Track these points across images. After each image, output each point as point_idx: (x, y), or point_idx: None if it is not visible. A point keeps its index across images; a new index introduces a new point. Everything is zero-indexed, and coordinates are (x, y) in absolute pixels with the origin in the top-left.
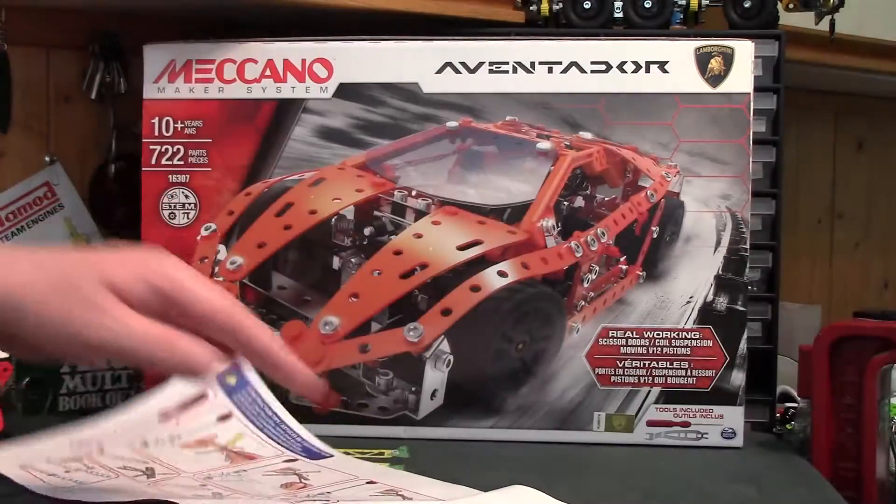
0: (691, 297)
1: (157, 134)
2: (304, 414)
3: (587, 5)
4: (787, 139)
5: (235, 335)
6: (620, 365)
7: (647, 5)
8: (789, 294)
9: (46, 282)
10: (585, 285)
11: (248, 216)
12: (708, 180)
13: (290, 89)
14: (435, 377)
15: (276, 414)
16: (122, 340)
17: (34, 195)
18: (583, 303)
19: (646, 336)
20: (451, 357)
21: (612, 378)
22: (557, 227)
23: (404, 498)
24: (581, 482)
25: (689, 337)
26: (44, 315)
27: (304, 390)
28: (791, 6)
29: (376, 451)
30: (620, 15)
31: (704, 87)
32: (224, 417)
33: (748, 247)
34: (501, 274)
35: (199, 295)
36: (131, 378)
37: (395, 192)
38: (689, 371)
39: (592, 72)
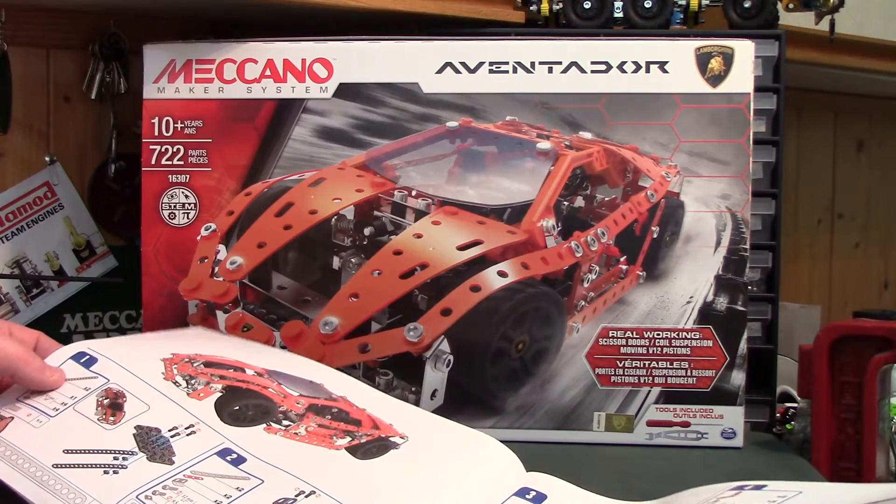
0: (691, 297)
1: (157, 134)
2: None
3: (587, 5)
4: (787, 139)
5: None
6: (620, 365)
7: (647, 5)
8: (789, 294)
9: None
10: (585, 285)
11: (248, 216)
12: (708, 180)
13: (290, 89)
14: (435, 377)
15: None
16: None
17: (34, 195)
18: (583, 303)
19: (646, 336)
20: (451, 357)
21: (612, 378)
22: (557, 227)
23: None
24: (581, 482)
25: (689, 337)
26: None
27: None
28: (791, 6)
29: None
30: (620, 15)
31: (704, 87)
32: None
33: (748, 247)
34: (501, 274)
35: None
36: None
37: (395, 192)
38: (689, 371)
39: (592, 72)
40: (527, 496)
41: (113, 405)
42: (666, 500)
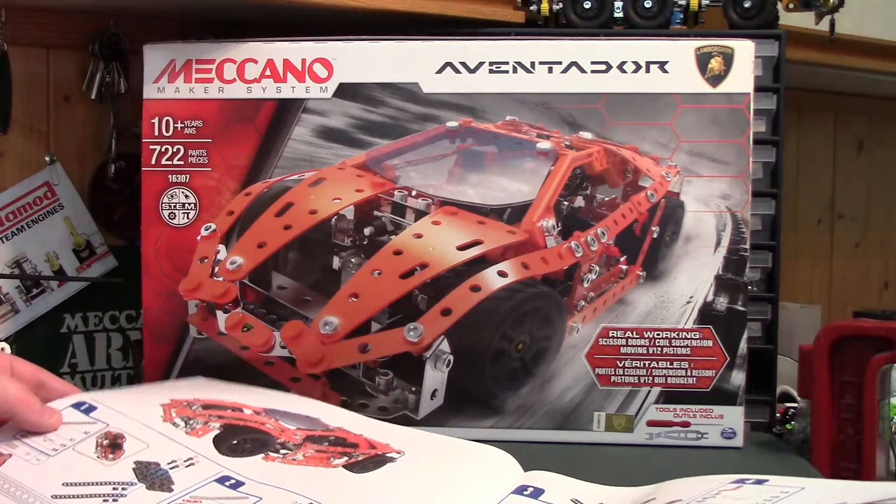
0: (691, 297)
1: (157, 134)
2: None
3: (587, 5)
4: (787, 139)
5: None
6: (620, 365)
7: (647, 5)
8: (789, 294)
9: None
10: (585, 285)
11: (248, 216)
12: (708, 180)
13: (290, 89)
14: (435, 377)
15: None
16: None
17: (34, 195)
18: (583, 303)
19: (646, 336)
20: (451, 357)
21: (612, 378)
22: (557, 227)
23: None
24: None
25: (689, 337)
26: None
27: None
28: (791, 6)
29: None
30: (620, 15)
31: (704, 87)
32: None
33: (748, 247)
34: (501, 274)
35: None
36: (131, 379)
37: (395, 192)
38: (689, 371)
39: (592, 72)
40: (524, 492)
41: (112, 445)
42: (664, 484)
